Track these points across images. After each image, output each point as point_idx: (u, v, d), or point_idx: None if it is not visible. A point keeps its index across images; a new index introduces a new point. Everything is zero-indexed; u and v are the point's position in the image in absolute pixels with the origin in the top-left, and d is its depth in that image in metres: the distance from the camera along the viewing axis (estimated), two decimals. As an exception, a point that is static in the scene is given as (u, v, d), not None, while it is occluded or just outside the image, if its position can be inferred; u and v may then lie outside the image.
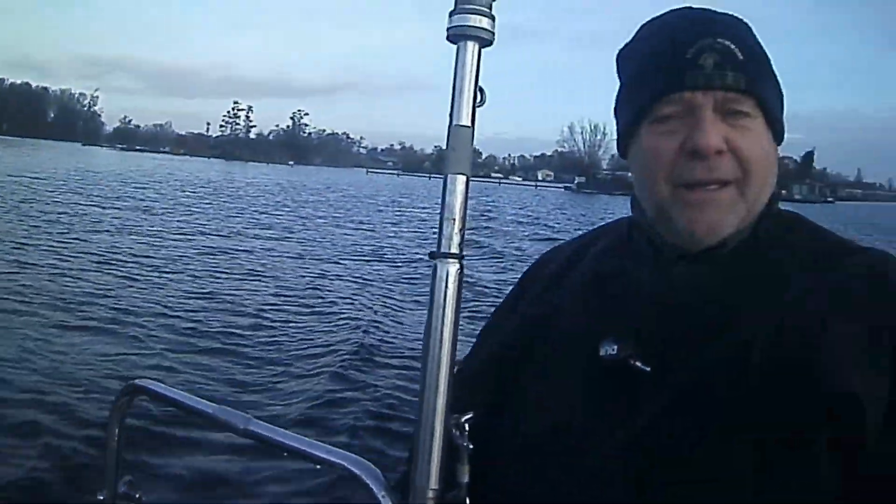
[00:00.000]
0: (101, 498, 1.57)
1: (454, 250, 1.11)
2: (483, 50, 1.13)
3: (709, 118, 1.20)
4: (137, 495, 1.58)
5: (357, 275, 16.61)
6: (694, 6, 1.32)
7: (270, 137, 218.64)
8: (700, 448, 1.10)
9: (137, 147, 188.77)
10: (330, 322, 11.20)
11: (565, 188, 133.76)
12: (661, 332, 1.21)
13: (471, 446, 1.15)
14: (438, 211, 1.12)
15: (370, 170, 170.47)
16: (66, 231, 19.96)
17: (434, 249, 1.11)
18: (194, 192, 43.07)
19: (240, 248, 19.87)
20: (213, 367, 8.31)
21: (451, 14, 1.11)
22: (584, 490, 1.17)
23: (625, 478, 1.14)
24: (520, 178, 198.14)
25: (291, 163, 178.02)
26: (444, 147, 1.13)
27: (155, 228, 22.63)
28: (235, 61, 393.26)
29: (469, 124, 1.12)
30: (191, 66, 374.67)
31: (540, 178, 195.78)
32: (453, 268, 1.10)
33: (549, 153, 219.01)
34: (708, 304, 1.21)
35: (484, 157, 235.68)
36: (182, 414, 1.58)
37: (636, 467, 1.13)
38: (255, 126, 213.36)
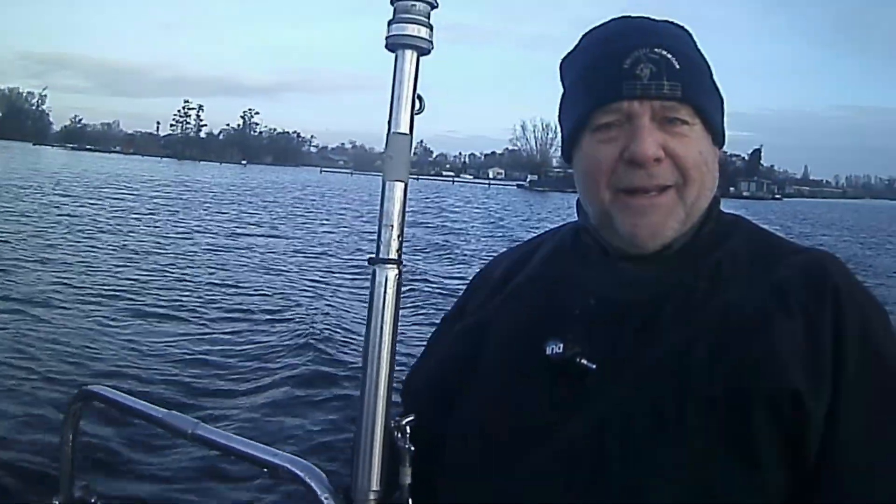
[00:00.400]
0: (57, 502, 1.57)
1: (392, 256, 1.13)
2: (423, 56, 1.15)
3: (646, 127, 1.23)
4: (93, 499, 1.58)
5: (311, 276, 16.45)
6: (633, 15, 1.35)
7: (221, 137, 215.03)
8: (646, 445, 1.13)
9: (88, 146, 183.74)
10: (290, 322, 11.04)
11: (518, 186, 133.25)
12: (605, 330, 1.23)
13: (412, 448, 1.16)
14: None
15: (324, 169, 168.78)
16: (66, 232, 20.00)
17: (373, 255, 1.13)
18: (168, 194, 42.95)
19: (208, 247, 19.84)
20: (172, 372, 8.18)
21: (389, 23, 1.13)
22: (533, 488, 1.19)
23: (572, 475, 1.16)
24: (471, 177, 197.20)
25: (244, 162, 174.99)
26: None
27: (151, 228, 22.88)
28: (182, 60, 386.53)
29: (407, 132, 1.14)
30: (137, 64, 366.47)
31: (491, 175, 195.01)
32: (392, 273, 1.12)
33: (499, 151, 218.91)
34: (651, 303, 1.23)
35: (435, 155, 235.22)
36: (134, 419, 1.58)
37: (583, 464, 1.15)
38: (205, 125, 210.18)
